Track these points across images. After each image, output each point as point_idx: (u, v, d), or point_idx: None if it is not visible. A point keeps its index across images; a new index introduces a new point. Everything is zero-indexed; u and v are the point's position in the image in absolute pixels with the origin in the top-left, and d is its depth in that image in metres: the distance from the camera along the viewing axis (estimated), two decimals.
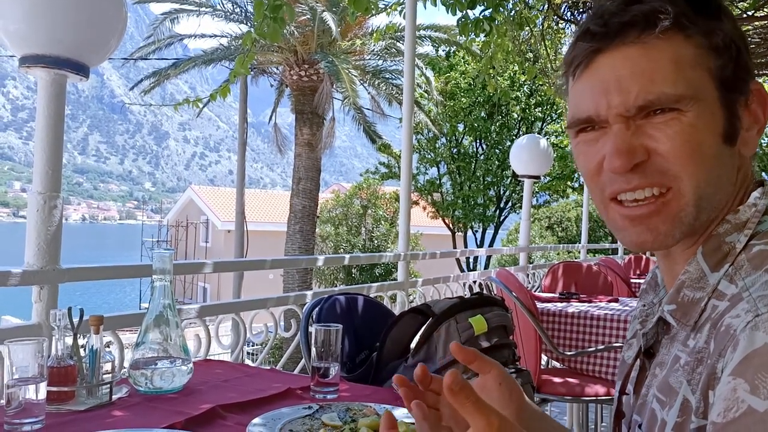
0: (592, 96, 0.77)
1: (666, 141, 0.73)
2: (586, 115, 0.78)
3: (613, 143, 0.75)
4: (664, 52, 0.74)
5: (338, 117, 14.09)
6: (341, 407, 1.28)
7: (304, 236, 13.31)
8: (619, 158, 0.74)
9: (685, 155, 0.73)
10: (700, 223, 0.76)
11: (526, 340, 3.03)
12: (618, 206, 0.78)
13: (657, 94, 0.73)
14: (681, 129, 0.73)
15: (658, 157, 0.74)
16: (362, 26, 14.07)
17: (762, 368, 0.60)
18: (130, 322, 2.18)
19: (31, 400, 1.13)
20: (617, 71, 0.75)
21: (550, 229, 25.41)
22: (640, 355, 0.87)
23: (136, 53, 14.51)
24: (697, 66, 0.74)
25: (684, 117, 0.73)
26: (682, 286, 0.77)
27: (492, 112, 17.23)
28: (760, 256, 0.72)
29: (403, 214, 3.88)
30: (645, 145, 0.74)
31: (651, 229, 0.76)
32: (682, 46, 0.74)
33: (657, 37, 0.74)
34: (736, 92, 0.76)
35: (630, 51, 0.75)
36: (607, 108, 0.76)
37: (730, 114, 0.76)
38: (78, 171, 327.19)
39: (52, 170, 1.92)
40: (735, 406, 0.60)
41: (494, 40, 4.56)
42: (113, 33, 1.98)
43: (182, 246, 31.13)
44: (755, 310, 0.64)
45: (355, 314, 2.14)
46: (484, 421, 0.60)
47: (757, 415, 0.58)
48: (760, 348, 0.61)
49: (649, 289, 0.93)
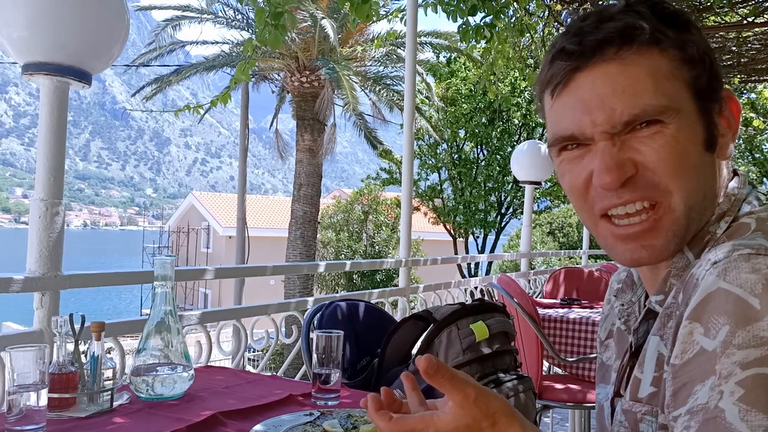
0: (574, 114, 0.78)
1: (652, 154, 0.75)
2: (569, 133, 0.79)
3: (602, 160, 0.76)
4: (641, 67, 0.75)
5: (339, 123, 14.14)
6: (342, 414, 1.28)
7: (306, 242, 13.32)
8: (609, 174, 0.75)
9: (672, 167, 0.75)
10: (691, 233, 0.79)
11: (527, 347, 3.03)
12: (609, 224, 0.79)
13: (642, 107, 0.74)
14: (665, 141, 0.75)
15: (646, 170, 0.75)
16: (363, 33, 14.12)
17: (714, 311, 0.63)
18: (132, 328, 2.18)
19: (32, 407, 1.13)
20: (598, 89, 0.76)
21: (551, 235, 25.41)
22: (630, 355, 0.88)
23: (138, 60, 14.56)
24: (674, 78, 0.76)
25: (667, 129, 0.74)
26: (668, 276, 0.80)
27: (493, 118, 17.25)
28: (737, 229, 0.76)
29: (404, 219, 3.88)
30: (632, 159, 0.75)
31: (645, 246, 0.78)
32: (658, 59, 0.76)
33: (634, 53, 0.76)
34: (711, 101, 0.79)
35: (609, 68, 0.76)
36: (591, 126, 0.76)
37: (708, 122, 0.78)
38: (80, 177, 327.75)
39: (54, 177, 1.92)
40: (690, 348, 0.64)
41: (495, 47, 4.57)
42: (115, 40, 1.99)
43: (183, 252, 31.14)
44: (714, 258, 0.68)
45: (357, 320, 2.14)
46: (460, 394, 0.63)
47: (706, 355, 0.62)
48: (713, 292, 0.64)
49: (626, 288, 0.95)
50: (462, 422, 0.64)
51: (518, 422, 0.66)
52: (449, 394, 0.64)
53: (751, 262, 0.64)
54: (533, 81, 4.90)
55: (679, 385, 0.65)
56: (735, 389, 0.59)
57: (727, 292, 0.63)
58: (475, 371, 1.71)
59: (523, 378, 1.79)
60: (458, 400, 0.64)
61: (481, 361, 1.73)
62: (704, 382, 0.61)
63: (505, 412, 0.65)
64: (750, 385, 0.59)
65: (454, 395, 0.64)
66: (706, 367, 0.62)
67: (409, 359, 1.85)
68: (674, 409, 0.65)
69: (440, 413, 0.66)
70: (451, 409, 0.65)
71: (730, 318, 0.62)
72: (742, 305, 0.62)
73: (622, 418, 0.83)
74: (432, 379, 0.64)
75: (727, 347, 0.61)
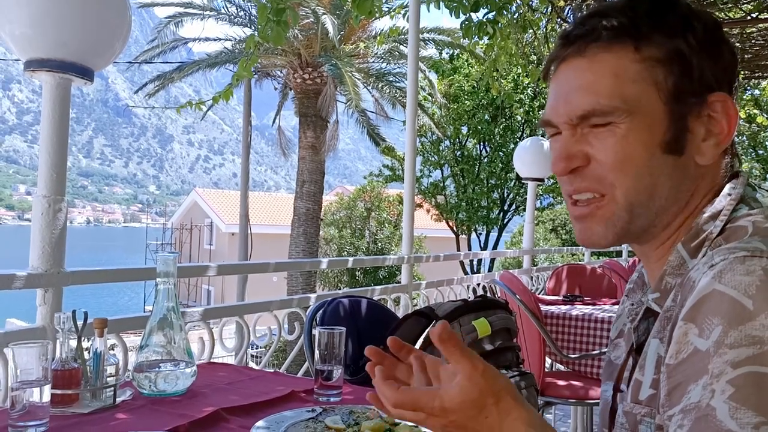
0: (550, 103, 0.85)
1: (601, 150, 0.80)
2: (546, 119, 0.86)
3: (556, 148, 0.84)
4: (606, 65, 0.80)
5: (342, 120, 14.12)
6: (344, 410, 1.28)
7: (308, 239, 13.33)
8: (559, 162, 0.82)
9: (616, 164, 0.80)
10: (637, 227, 0.82)
11: (530, 343, 3.03)
12: (572, 206, 0.86)
13: (593, 105, 0.79)
14: (614, 141, 0.79)
15: (595, 163, 0.81)
16: (366, 29, 14.10)
17: (709, 312, 0.64)
18: (134, 325, 2.19)
19: (35, 403, 1.13)
20: (568, 82, 0.83)
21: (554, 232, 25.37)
22: (632, 353, 0.90)
23: (141, 57, 14.55)
24: (640, 80, 0.79)
25: (617, 129, 0.79)
26: (664, 275, 0.82)
27: (495, 115, 17.22)
28: (734, 232, 0.77)
29: (406, 216, 3.88)
30: (585, 151, 0.81)
31: (588, 227, 0.84)
32: (629, 58, 0.79)
33: (605, 50, 0.80)
34: (686, 105, 0.79)
35: (579, 63, 0.82)
36: (557, 116, 0.84)
37: (677, 125, 0.79)
38: (83, 174, 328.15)
39: (57, 173, 1.93)
40: (685, 348, 0.65)
41: (498, 43, 4.55)
42: (118, 37, 1.99)
43: (186, 249, 31.18)
44: (711, 261, 0.69)
45: (359, 317, 2.14)
46: (469, 365, 0.67)
47: (700, 354, 0.63)
48: (709, 293, 0.65)
49: (637, 288, 0.97)
50: (468, 396, 0.67)
51: (521, 403, 0.68)
52: (459, 364, 0.67)
53: (746, 264, 0.65)
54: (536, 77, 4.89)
55: (674, 385, 0.66)
56: (726, 387, 0.60)
57: (721, 293, 0.64)
58: None
59: (526, 374, 1.79)
60: (467, 371, 0.67)
61: (483, 358, 1.73)
62: (697, 382, 0.62)
63: (509, 391, 0.68)
64: (741, 383, 0.59)
65: (464, 364, 0.67)
66: (699, 367, 0.63)
67: None
68: (669, 409, 0.66)
69: (447, 387, 0.69)
70: (458, 383, 0.67)
71: (723, 318, 0.63)
72: (735, 306, 0.63)
73: (623, 420, 0.84)
74: (444, 344, 0.68)
75: (720, 347, 0.62)
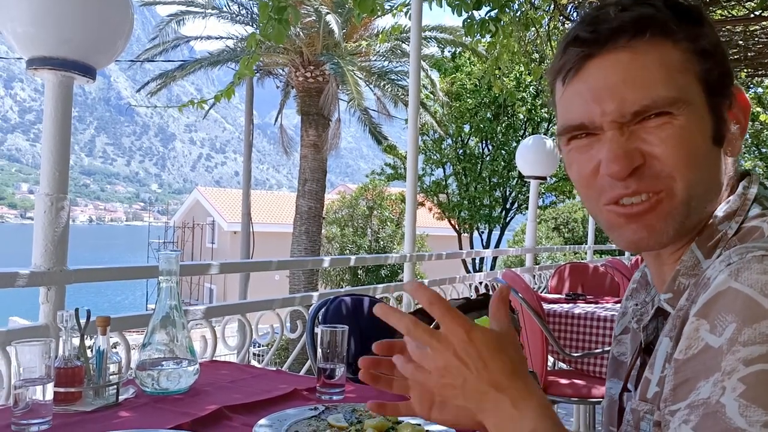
0: (585, 103, 0.77)
1: (660, 144, 0.75)
2: (578, 122, 0.78)
3: (610, 149, 0.76)
4: (653, 57, 0.75)
5: (344, 118, 14.14)
6: (347, 408, 1.28)
7: (310, 237, 13.33)
8: (617, 164, 0.75)
9: (679, 157, 0.75)
10: (691, 222, 0.78)
11: (532, 342, 3.02)
12: (615, 206, 0.79)
13: (652, 98, 0.74)
14: (674, 132, 0.74)
15: (653, 160, 0.75)
16: (368, 28, 14.09)
17: (722, 309, 0.63)
18: (137, 323, 2.19)
19: (38, 401, 1.13)
20: (609, 78, 0.76)
21: (556, 230, 25.36)
22: (640, 353, 0.89)
23: (143, 55, 14.56)
24: (685, 70, 0.76)
25: (676, 120, 0.74)
26: (677, 275, 0.80)
27: (498, 113, 17.20)
28: (749, 232, 0.76)
29: (408, 215, 3.88)
30: (640, 149, 0.75)
31: (646, 226, 0.77)
32: (670, 51, 0.76)
33: (646, 43, 0.76)
34: (721, 96, 0.79)
35: (620, 56, 0.76)
36: (601, 115, 0.76)
37: (717, 117, 0.78)
38: (85, 172, 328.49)
39: (59, 172, 1.93)
40: (695, 344, 0.64)
41: (500, 41, 4.55)
42: (120, 35, 1.99)
43: (188, 247, 31.20)
44: (728, 260, 0.67)
45: (361, 315, 2.14)
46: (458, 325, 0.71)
47: (712, 351, 0.62)
48: (724, 290, 0.64)
49: (641, 288, 0.95)
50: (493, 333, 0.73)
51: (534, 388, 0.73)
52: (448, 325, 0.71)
53: (764, 264, 0.64)
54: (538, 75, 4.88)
55: (681, 380, 0.65)
56: (737, 385, 0.59)
57: (737, 291, 0.63)
58: None
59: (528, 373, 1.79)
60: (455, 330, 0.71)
61: None
62: (708, 379, 0.61)
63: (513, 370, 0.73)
64: (752, 381, 0.58)
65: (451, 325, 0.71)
66: (710, 364, 0.62)
67: None
68: (672, 404, 0.65)
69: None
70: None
71: (737, 316, 0.62)
72: (751, 304, 0.62)
73: (630, 417, 0.84)
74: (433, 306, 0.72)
75: (733, 344, 0.61)
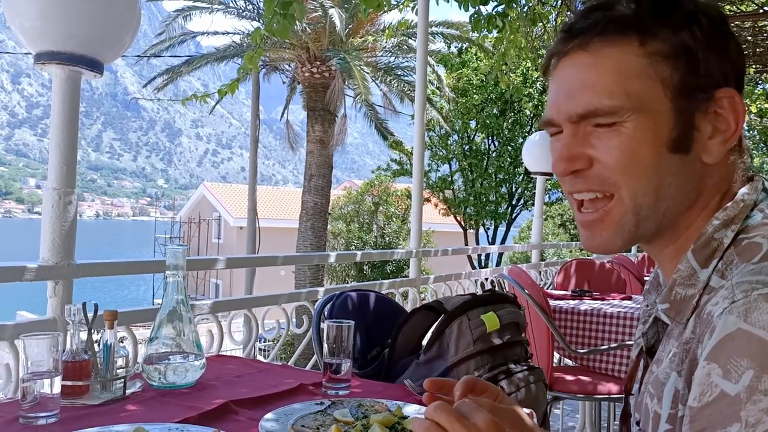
0: (551, 101, 0.82)
1: (605, 152, 0.77)
2: (548, 118, 0.83)
3: (559, 149, 0.80)
4: (610, 61, 0.77)
5: (350, 114, 14.09)
6: (353, 403, 1.28)
7: (316, 233, 13.34)
8: (560, 163, 0.80)
9: (622, 166, 0.77)
10: (645, 230, 0.79)
11: (538, 338, 3.02)
12: (577, 211, 0.83)
13: (596, 104, 0.76)
14: (619, 141, 0.76)
15: (599, 165, 0.78)
16: (374, 23, 14.06)
17: (734, 353, 0.61)
18: (144, 317, 2.20)
19: (45, 394, 1.14)
20: (569, 78, 0.79)
21: (562, 227, 25.31)
22: (642, 355, 0.89)
23: (150, 50, 14.58)
24: (646, 76, 0.76)
25: (622, 128, 0.76)
26: (674, 285, 0.79)
27: (504, 109, 17.16)
28: (749, 249, 0.73)
29: (414, 211, 3.88)
30: (587, 153, 0.78)
31: (596, 234, 0.81)
32: (634, 53, 0.76)
33: (608, 45, 0.77)
34: (693, 101, 0.76)
35: (581, 58, 0.78)
36: (557, 114, 0.81)
37: (684, 123, 0.76)
38: (92, 168, 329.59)
39: (67, 166, 1.93)
40: (709, 390, 0.62)
41: (507, 36, 4.53)
42: (127, 29, 1.99)
43: (195, 242, 31.30)
44: (732, 297, 0.65)
45: (367, 311, 2.14)
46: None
47: (728, 399, 0.60)
48: (733, 332, 0.62)
49: (652, 290, 0.95)
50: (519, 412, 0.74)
51: None
52: None
53: None
54: None
55: (698, 430, 0.62)
56: None
57: (748, 333, 0.61)
58: (486, 362, 1.71)
59: (534, 369, 1.78)
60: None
61: (491, 352, 1.73)
62: (727, 429, 0.59)
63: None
64: None
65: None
66: (727, 413, 0.59)
67: (419, 349, 1.85)
68: None
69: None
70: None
71: (753, 361, 0.59)
72: (766, 348, 0.60)
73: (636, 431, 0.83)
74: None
75: (753, 393, 0.58)
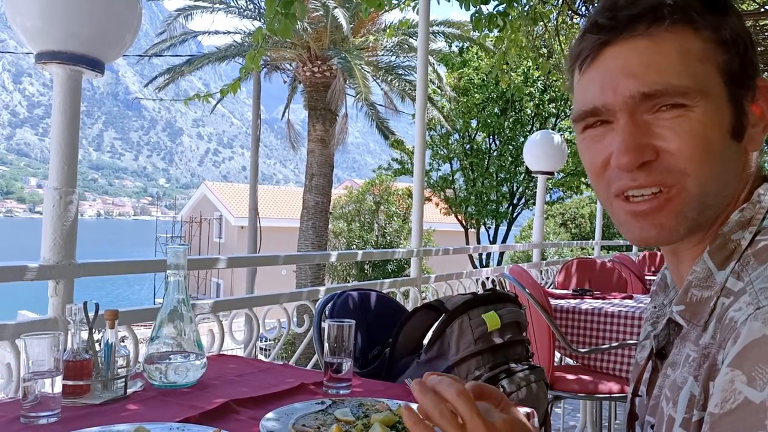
0: (599, 86, 0.76)
1: (675, 139, 0.72)
2: (592, 106, 0.77)
3: (622, 139, 0.74)
4: (672, 45, 0.73)
5: (351, 113, 14.11)
6: (354, 402, 1.28)
7: (317, 232, 13.34)
8: (626, 155, 0.73)
9: (694, 153, 0.72)
10: (705, 219, 0.76)
11: (539, 337, 3.02)
12: (623, 202, 0.77)
13: (664, 84, 0.72)
14: (690, 126, 0.72)
15: (667, 155, 0.73)
16: (375, 22, 14.05)
17: (759, 360, 0.59)
18: (145, 316, 2.20)
19: (46, 394, 1.14)
20: (625, 61, 0.74)
21: (563, 226, 25.31)
22: (652, 357, 0.88)
23: (151, 50, 14.58)
24: (705, 60, 0.73)
25: (692, 113, 0.72)
26: (689, 287, 0.77)
27: (505, 108, 17.15)
28: (765, 250, 0.71)
29: (415, 210, 3.87)
30: (654, 144, 0.73)
31: (655, 224, 0.75)
32: (690, 39, 0.74)
33: (665, 30, 0.73)
34: (742, 88, 0.76)
35: (638, 43, 0.74)
36: (613, 96, 0.74)
37: (738, 109, 0.75)
38: (93, 167, 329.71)
39: (68, 166, 1.93)
40: (732, 397, 0.60)
41: (508, 36, 4.53)
42: (128, 29, 1.99)
43: (196, 242, 31.30)
44: (756, 303, 0.64)
45: (368, 310, 2.14)
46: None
47: (752, 407, 0.58)
48: (758, 339, 0.60)
49: (659, 291, 0.93)
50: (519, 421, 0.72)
51: None
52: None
53: None
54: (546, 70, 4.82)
55: None
56: None
57: None
58: (487, 361, 1.71)
59: (535, 368, 1.78)
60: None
61: (492, 351, 1.73)
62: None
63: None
64: None
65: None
66: (752, 421, 0.58)
67: (420, 349, 1.85)
68: None
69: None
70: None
71: None
72: None
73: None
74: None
75: None
